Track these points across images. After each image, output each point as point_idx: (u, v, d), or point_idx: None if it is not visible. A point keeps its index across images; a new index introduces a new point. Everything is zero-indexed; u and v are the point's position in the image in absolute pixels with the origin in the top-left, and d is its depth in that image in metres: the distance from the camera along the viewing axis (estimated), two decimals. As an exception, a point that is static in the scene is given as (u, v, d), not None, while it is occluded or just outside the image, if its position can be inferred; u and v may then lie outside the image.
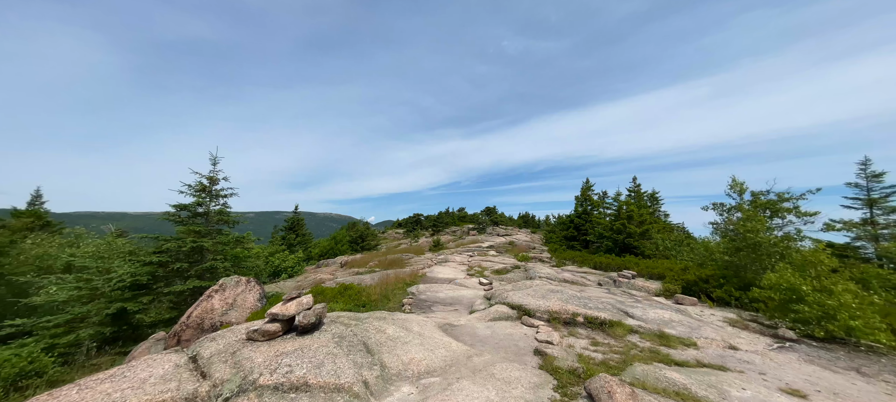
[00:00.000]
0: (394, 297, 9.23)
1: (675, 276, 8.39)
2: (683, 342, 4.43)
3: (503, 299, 7.21)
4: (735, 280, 6.81)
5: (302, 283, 16.93)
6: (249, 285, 8.84)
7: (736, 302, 6.53)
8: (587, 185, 25.97)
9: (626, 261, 15.28)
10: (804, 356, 4.12)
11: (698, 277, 7.61)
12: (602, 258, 16.39)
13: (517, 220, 71.31)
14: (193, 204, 9.14)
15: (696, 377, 3.34)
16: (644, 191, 21.29)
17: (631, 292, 8.22)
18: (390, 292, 9.90)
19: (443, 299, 9.12)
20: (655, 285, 8.36)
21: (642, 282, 8.76)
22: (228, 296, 8.33)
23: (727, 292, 6.69)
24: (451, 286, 10.70)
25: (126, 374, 3.12)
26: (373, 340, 4.37)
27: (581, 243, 24.25)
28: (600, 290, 8.55)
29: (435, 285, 10.64)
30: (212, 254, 9.20)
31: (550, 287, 8.01)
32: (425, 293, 9.67)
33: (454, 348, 4.49)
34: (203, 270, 8.90)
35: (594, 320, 5.48)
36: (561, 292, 7.35)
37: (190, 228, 8.96)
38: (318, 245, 35.19)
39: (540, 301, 6.55)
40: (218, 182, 9.84)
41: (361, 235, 30.23)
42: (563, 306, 6.04)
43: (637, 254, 16.60)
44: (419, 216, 54.88)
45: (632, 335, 4.90)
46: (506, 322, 5.99)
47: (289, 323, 4.53)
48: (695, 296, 7.43)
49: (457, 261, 18.73)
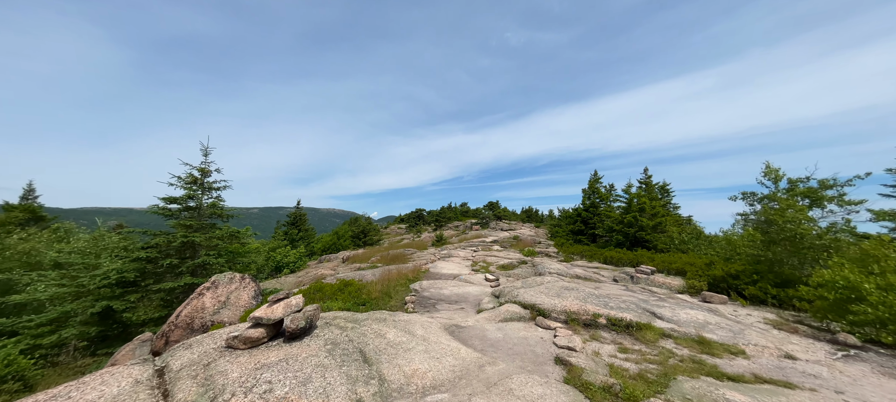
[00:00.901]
0: (396, 294, 8.70)
1: (699, 272, 7.75)
2: (729, 349, 3.84)
3: (514, 298, 6.64)
4: (770, 276, 6.17)
5: (303, 278, 16.53)
6: (244, 282, 8.34)
7: (773, 301, 5.90)
8: (595, 177, 25.17)
9: (639, 255, 14.61)
10: (878, 368, 3.52)
11: (726, 273, 6.97)
12: (612, 253, 15.74)
13: (520, 214, 70.57)
14: (184, 197, 8.62)
15: (760, 397, 2.76)
16: (655, 183, 20.51)
17: (652, 290, 7.60)
18: (392, 288, 9.38)
19: (447, 296, 8.58)
20: (677, 282, 7.74)
21: (662, 278, 8.14)
22: (221, 294, 7.84)
23: (762, 289, 6.05)
24: (455, 283, 10.16)
25: (72, 394, 2.59)
26: (371, 346, 3.83)
27: (588, 237, 23.57)
28: (618, 287, 7.94)
29: (439, 282, 10.11)
30: (205, 249, 8.71)
31: (564, 284, 7.42)
32: (429, 290, 9.13)
33: (463, 355, 3.93)
34: (195, 266, 8.42)
35: (618, 321, 4.89)
36: (576, 289, 6.76)
37: (180, 222, 8.47)
38: (321, 240, 34.87)
39: (555, 300, 5.96)
40: (210, 174, 9.31)
41: (364, 230, 29.79)
42: (581, 306, 5.44)
43: (650, 248, 15.92)
44: (421, 211, 54.40)
45: (664, 339, 4.30)
46: (518, 324, 5.42)
47: (276, 327, 4.00)
48: (723, 293, 6.80)
49: (461, 256, 18.19)
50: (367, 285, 9.38)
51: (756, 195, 7.14)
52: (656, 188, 23.64)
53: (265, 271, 24.47)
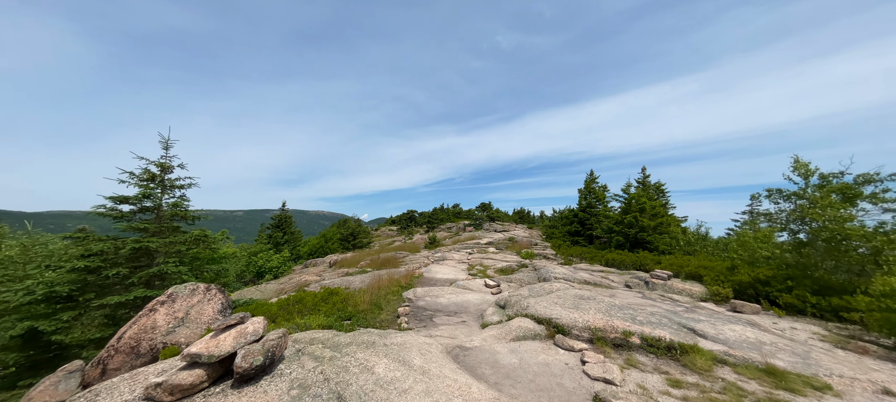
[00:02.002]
0: (387, 305, 7.71)
1: (721, 277, 7.09)
2: (809, 382, 3.07)
3: (524, 310, 5.77)
4: (807, 282, 5.53)
5: (285, 285, 15.25)
6: (209, 294, 7.16)
7: (812, 310, 5.24)
8: (591, 177, 24.75)
9: (642, 257, 14.05)
10: None
11: (754, 278, 6.32)
12: (614, 255, 15.14)
13: (512, 215, 70.29)
14: (138, 196, 7.39)
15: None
16: (652, 183, 20.18)
17: (672, 297, 6.88)
18: (383, 298, 8.38)
19: (445, 306, 7.65)
20: (698, 289, 7.05)
21: (680, 284, 7.45)
22: (179, 308, 6.65)
23: (800, 297, 5.39)
24: (453, 290, 9.22)
25: None
26: (354, 388, 2.87)
27: (586, 238, 23.07)
28: (634, 294, 7.19)
29: (435, 289, 9.15)
30: (163, 256, 7.48)
31: (577, 292, 6.60)
32: (424, 299, 8.18)
33: (474, 394, 3.01)
34: (151, 276, 7.20)
35: (656, 342, 4.07)
36: (593, 298, 5.94)
37: (133, 225, 7.23)
38: (308, 243, 33.32)
39: (573, 313, 5.12)
40: (172, 170, 8.07)
41: (353, 232, 28.50)
42: (607, 321, 4.61)
43: (651, 250, 15.42)
44: (413, 213, 53.23)
45: (719, 367, 3.51)
46: (534, 343, 4.54)
47: (224, 365, 2.99)
48: (753, 302, 6.13)
49: (455, 259, 17.28)
50: (354, 293, 8.35)
51: (783, 193, 6.55)
52: (652, 188, 23.40)
53: (246, 277, 22.90)
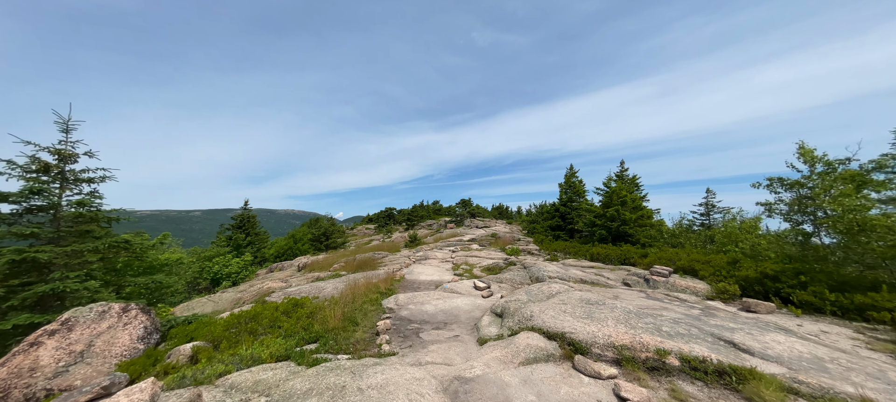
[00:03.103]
0: (364, 317, 6.52)
1: (722, 271, 6.73)
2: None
3: (528, 320, 4.89)
4: (821, 277, 5.21)
5: (244, 294, 13.36)
6: (126, 317, 5.57)
7: (832, 308, 4.89)
8: (571, 172, 24.80)
9: (626, 251, 13.92)
10: None
11: (761, 273, 5.96)
12: (598, 249, 14.94)
13: (492, 211, 70.61)
14: (23, 192, 5.54)
15: None
16: (629, 176, 20.42)
17: (679, 297, 6.37)
18: (358, 308, 7.17)
19: (432, 315, 6.62)
20: (702, 286, 6.63)
21: (682, 281, 7.02)
22: (78, 339, 5.04)
23: (817, 294, 5.04)
24: (439, 294, 8.19)
25: None
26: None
27: (567, 232, 23.09)
28: (638, 294, 6.60)
29: (419, 294, 8.08)
30: (62, 270, 5.71)
31: (581, 295, 5.86)
32: (407, 307, 7.09)
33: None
34: (43, 296, 5.44)
35: (700, 364, 3.33)
36: (603, 303, 5.21)
37: (15, 230, 5.40)
38: (275, 245, 30.65)
39: (588, 324, 4.31)
40: (75, 159, 6.23)
41: (325, 232, 26.47)
42: (633, 336, 3.83)
43: (633, 242, 15.45)
44: (392, 210, 51.40)
45: (792, 397, 2.82)
46: (549, 368, 3.66)
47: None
48: (761, 298, 5.76)
49: (439, 258, 16.27)
50: (323, 305, 7.06)
51: (785, 181, 6.29)
52: (628, 182, 23.89)
53: (201, 284, 20.28)
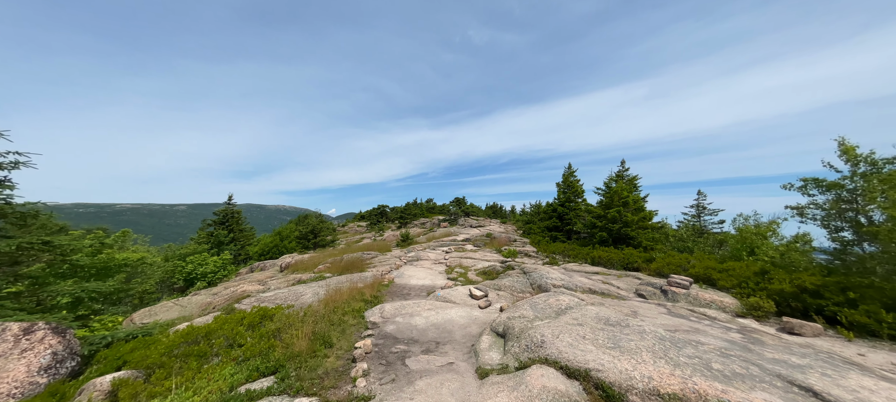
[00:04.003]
0: (341, 335, 5.53)
1: (748, 282, 5.99)
2: None
3: (538, 348, 4.00)
4: (872, 293, 4.49)
5: (217, 297, 12.15)
6: (29, 339, 4.47)
7: (889, 331, 4.17)
8: (569, 171, 24.11)
9: (628, 254, 13.24)
10: None
11: (798, 286, 5.22)
12: (600, 252, 14.23)
13: (486, 210, 70.01)
14: None
15: None
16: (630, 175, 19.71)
17: (705, 313, 5.59)
18: (337, 321, 6.19)
19: (422, 331, 5.68)
20: (729, 300, 5.87)
21: (705, 293, 6.24)
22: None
23: (871, 314, 4.31)
24: (431, 304, 7.26)
25: None
26: None
27: (564, 233, 22.41)
28: (657, 309, 5.80)
29: (408, 304, 7.12)
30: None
31: (599, 313, 5.01)
32: (394, 321, 6.13)
33: None
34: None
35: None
36: (626, 325, 4.36)
37: None
38: (260, 243, 29.17)
39: (616, 357, 3.45)
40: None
41: (313, 229, 25.20)
42: (684, 383, 2.95)
43: (635, 245, 14.81)
44: (384, 208, 50.14)
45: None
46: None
47: None
48: (799, 316, 5.03)
49: (431, 259, 15.33)
50: (296, 318, 6.06)
51: (821, 182, 5.59)
52: (627, 182, 23.33)
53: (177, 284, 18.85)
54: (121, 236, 11.26)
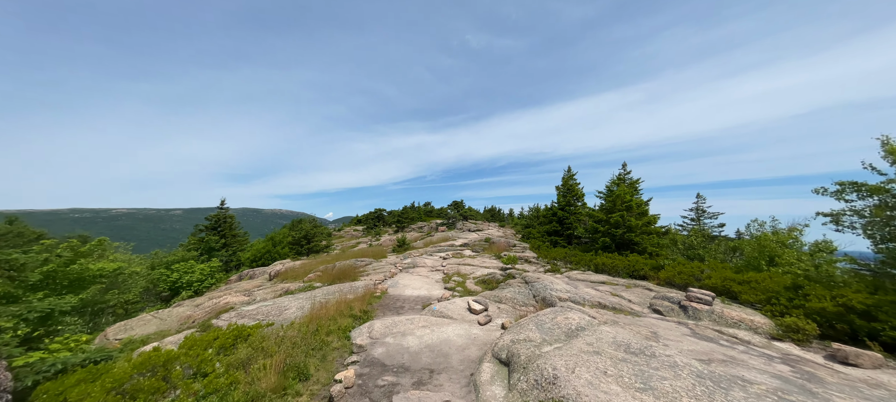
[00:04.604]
0: (321, 361, 4.84)
1: (779, 299, 5.35)
2: None
3: (551, 389, 3.33)
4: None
5: (198, 310, 11.37)
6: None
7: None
8: (569, 174, 23.54)
9: (633, 261, 12.60)
10: None
11: (843, 305, 4.58)
12: (603, 259, 13.58)
13: (484, 214, 69.39)
14: None
15: None
16: (632, 178, 19.12)
17: (737, 336, 4.93)
18: (318, 345, 5.50)
19: (414, 355, 5.00)
20: (760, 319, 5.21)
21: (730, 310, 5.58)
22: None
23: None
24: (425, 321, 6.57)
25: None
26: None
27: (565, 238, 21.77)
28: (682, 331, 5.14)
29: (400, 322, 6.43)
30: None
31: (617, 336, 4.35)
32: (383, 342, 5.45)
33: None
34: None
35: None
36: (653, 354, 3.70)
37: None
38: (252, 248, 28.33)
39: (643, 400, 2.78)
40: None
41: (306, 235, 24.43)
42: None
43: (639, 251, 14.19)
44: (381, 212, 49.35)
45: None
46: None
47: None
48: (847, 341, 4.39)
49: (428, 266, 14.64)
50: (271, 340, 5.36)
51: (861, 186, 4.99)
52: (627, 186, 22.77)
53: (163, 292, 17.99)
54: (97, 245, 10.48)
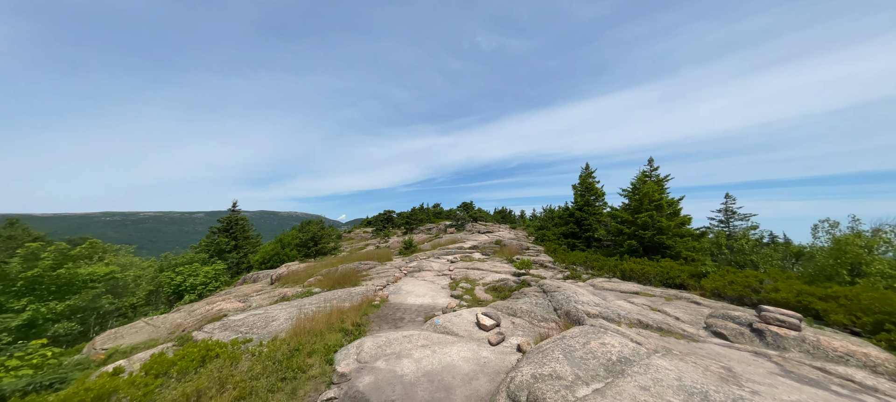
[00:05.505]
0: (288, 398, 3.87)
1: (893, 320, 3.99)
2: None
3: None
4: None
5: (191, 315, 10.76)
6: None
7: None
8: (587, 172, 21.94)
9: (667, 267, 11.11)
10: None
11: None
12: (631, 264, 12.13)
13: (494, 215, 67.67)
14: None
15: None
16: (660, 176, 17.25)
17: (846, 375, 3.62)
18: (295, 370, 4.59)
19: (409, 386, 3.95)
20: (873, 351, 3.84)
21: (831, 339, 4.19)
22: None
23: None
24: (426, 337, 5.52)
25: None
26: None
27: (584, 241, 20.19)
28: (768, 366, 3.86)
29: (396, 338, 5.40)
30: None
31: (684, 377, 3.16)
32: (372, 367, 4.44)
33: None
34: None
35: None
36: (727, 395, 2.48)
37: None
38: (262, 250, 28.17)
39: None
40: None
41: (314, 236, 23.91)
42: None
43: (672, 256, 12.63)
44: (390, 213, 48.77)
45: None
46: None
47: None
48: None
49: (434, 270, 13.59)
50: (241, 365, 4.48)
51: None
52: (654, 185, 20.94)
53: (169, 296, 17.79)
54: (88, 248, 10.02)
